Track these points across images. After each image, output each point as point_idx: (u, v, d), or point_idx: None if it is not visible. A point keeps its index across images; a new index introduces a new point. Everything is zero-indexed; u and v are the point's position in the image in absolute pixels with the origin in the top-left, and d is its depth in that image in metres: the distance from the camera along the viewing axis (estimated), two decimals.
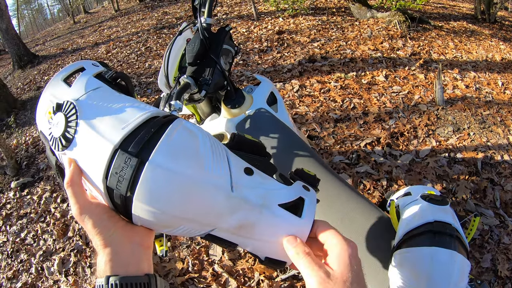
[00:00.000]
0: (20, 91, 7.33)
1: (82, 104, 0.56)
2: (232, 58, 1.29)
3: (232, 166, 0.55)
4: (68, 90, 0.61)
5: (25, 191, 3.77)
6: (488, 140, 3.07)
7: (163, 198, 0.49)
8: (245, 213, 0.53)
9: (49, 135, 0.58)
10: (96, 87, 0.61)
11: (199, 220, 0.52)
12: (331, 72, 4.50)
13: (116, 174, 0.49)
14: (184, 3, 11.87)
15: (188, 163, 0.50)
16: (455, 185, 2.57)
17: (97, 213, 0.54)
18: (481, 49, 5.52)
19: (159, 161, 0.49)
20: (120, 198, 0.51)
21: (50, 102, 0.61)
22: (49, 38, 14.25)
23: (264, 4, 8.70)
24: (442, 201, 0.90)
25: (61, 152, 0.56)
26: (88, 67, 0.67)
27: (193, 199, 0.51)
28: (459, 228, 0.85)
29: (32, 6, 52.23)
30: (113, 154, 0.50)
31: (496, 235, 2.24)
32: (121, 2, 17.04)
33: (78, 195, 0.55)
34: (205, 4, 1.21)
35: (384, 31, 5.88)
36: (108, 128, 0.52)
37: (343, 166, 2.81)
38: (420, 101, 3.68)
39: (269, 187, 0.56)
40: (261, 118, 1.29)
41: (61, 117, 0.56)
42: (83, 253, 2.70)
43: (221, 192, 0.52)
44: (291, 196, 0.57)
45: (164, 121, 0.54)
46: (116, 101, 0.58)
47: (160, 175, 0.48)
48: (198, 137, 0.55)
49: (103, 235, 0.53)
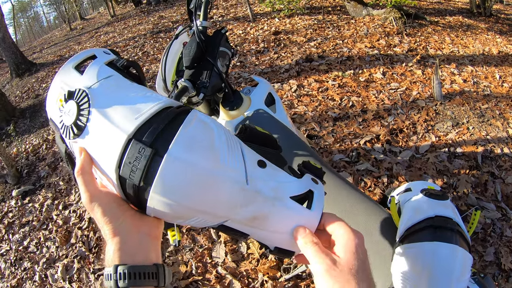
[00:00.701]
0: (18, 99, 7.33)
1: (95, 93, 0.56)
2: (229, 60, 1.30)
3: (246, 158, 0.55)
4: (80, 77, 0.61)
5: (26, 199, 3.77)
6: (487, 134, 3.07)
7: (181, 190, 0.50)
8: (258, 205, 0.54)
9: (60, 123, 0.58)
10: (108, 75, 0.61)
11: (213, 212, 0.53)
12: (329, 71, 4.51)
13: (129, 164, 0.50)
14: (180, 6, 11.90)
15: (205, 155, 0.51)
16: (456, 180, 2.57)
17: (107, 201, 0.54)
18: (477, 43, 5.52)
19: (177, 153, 0.49)
20: (132, 188, 0.51)
21: (61, 90, 0.61)
22: (46, 46, 14.26)
23: (259, 5, 8.71)
24: (442, 196, 0.90)
25: (72, 140, 0.56)
26: (100, 54, 0.66)
27: (210, 191, 0.51)
28: (460, 222, 0.85)
29: (28, 14, 52.28)
30: (127, 143, 0.50)
31: (498, 228, 2.25)
32: (117, 8, 17.07)
33: (89, 183, 0.55)
34: (200, 7, 1.21)
35: (380, 28, 5.89)
36: (121, 118, 0.52)
37: (343, 164, 2.81)
38: (418, 97, 3.68)
39: (281, 180, 0.58)
40: (260, 119, 1.29)
41: (73, 105, 0.56)
42: (86, 259, 2.69)
43: (237, 184, 0.52)
44: (302, 189, 0.59)
45: (177, 112, 0.55)
46: (129, 90, 0.58)
47: (179, 168, 0.49)
48: (213, 129, 0.55)
49: (112, 223, 0.53)
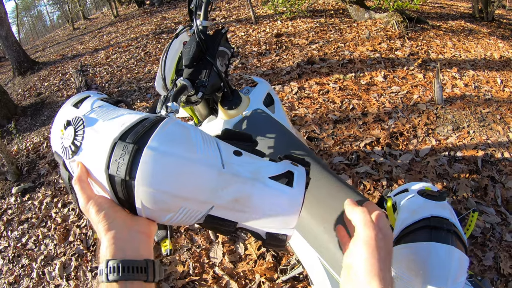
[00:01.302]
0: (20, 97, 7.37)
1: (88, 117, 0.65)
2: (228, 59, 1.30)
3: (221, 149, 0.62)
4: (76, 110, 0.70)
5: (26, 196, 3.79)
6: (488, 138, 3.06)
7: (162, 177, 0.55)
8: (238, 187, 0.59)
9: (61, 148, 0.66)
10: (100, 105, 0.71)
11: (196, 197, 0.58)
12: (330, 73, 4.51)
13: (116, 162, 0.56)
14: (183, 8, 11.96)
15: (181, 147, 0.57)
16: (456, 184, 2.57)
17: (100, 202, 0.59)
18: (479, 48, 5.53)
19: (156, 145, 0.56)
20: (121, 185, 0.56)
21: (61, 123, 0.69)
22: (49, 45, 14.33)
23: (262, 8, 8.73)
24: (439, 197, 0.90)
25: (71, 159, 0.63)
26: (94, 95, 0.76)
27: (189, 176, 0.57)
28: (456, 223, 0.85)
29: (32, 13, 52.57)
30: (113, 146, 0.57)
31: (498, 232, 2.24)
32: (120, 8, 17.17)
33: (85, 189, 0.61)
34: (201, 7, 1.22)
35: (382, 31, 5.90)
36: (108, 128, 0.60)
37: (343, 167, 2.81)
38: (419, 101, 3.68)
39: (259, 164, 0.64)
40: (258, 119, 1.30)
41: (71, 129, 0.65)
42: (84, 258, 2.71)
43: (213, 169, 0.58)
44: (280, 169, 0.64)
45: (157, 119, 0.62)
46: (117, 111, 0.67)
47: (157, 158, 0.55)
48: (189, 129, 0.63)
49: (106, 220, 0.57)
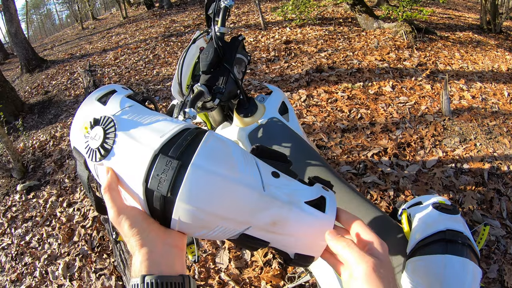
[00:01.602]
0: (28, 94, 7.39)
1: (119, 119, 0.62)
2: (245, 67, 1.30)
3: (261, 169, 0.60)
4: (103, 108, 0.66)
5: (31, 194, 3.80)
6: (494, 151, 3.06)
7: (205, 196, 0.53)
8: (276, 210, 0.58)
9: (85, 148, 0.63)
10: (130, 105, 0.67)
11: (235, 217, 0.56)
12: (338, 82, 4.53)
13: (157, 176, 0.53)
14: (192, 11, 11.97)
15: (224, 165, 0.55)
16: (462, 196, 2.57)
17: (133, 215, 0.57)
18: (487, 60, 5.53)
19: (200, 163, 0.53)
20: (159, 200, 0.54)
21: (85, 119, 0.66)
22: (58, 43, 14.39)
23: (271, 14, 8.76)
24: (453, 210, 0.91)
25: (98, 162, 0.60)
26: (119, 89, 0.72)
27: (230, 197, 0.55)
28: (470, 237, 0.86)
29: (41, 11, 52.72)
30: (154, 158, 0.54)
31: (502, 245, 2.24)
32: (129, 9, 17.21)
33: (115, 199, 0.58)
34: (219, 14, 1.23)
35: (391, 41, 5.91)
36: (146, 137, 0.57)
37: (350, 176, 2.81)
38: (426, 112, 3.69)
39: (295, 187, 0.62)
40: (273, 127, 1.30)
41: (100, 130, 0.61)
42: (88, 258, 2.70)
43: (255, 191, 0.56)
44: (314, 194, 0.63)
45: (197, 132, 0.60)
46: (150, 115, 0.64)
47: (202, 176, 0.53)
48: (229, 144, 0.60)
49: (140, 235, 0.55)
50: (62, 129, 5.10)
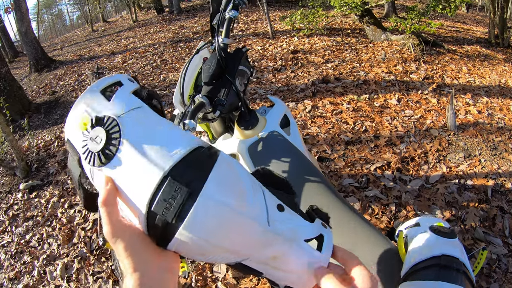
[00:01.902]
0: (35, 94, 7.44)
1: (125, 122, 0.56)
2: (247, 79, 1.30)
3: (267, 201, 0.57)
4: (107, 104, 0.60)
5: (33, 193, 3.81)
6: (499, 167, 3.04)
7: (211, 228, 0.51)
8: (278, 247, 0.57)
9: (83, 148, 0.57)
10: (137, 106, 0.61)
11: (238, 250, 0.55)
12: (344, 93, 4.53)
13: (164, 201, 0.49)
14: (201, 18, 12.04)
15: (234, 196, 0.52)
16: (464, 213, 2.56)
17: (130, 235, 0.53)
18: (494, 74, 5.52)
19: (211, 193, 0.50)
20: (162, 224, 0.51)
21: (85, 113, 0.59)
22: (67, 44, 14.53)
23: (280, 23, 8.79)
24: (450, 234, 0.90)
25: (97, 167, 0.55)
26: (125, 82, 0.66)
27: (237, 231, 0.53)
28: (466, 263, 0.85)
29: (52, 11, 53.30)
30: (162, 180, 0.50)
31: (504, 264, 2.21)
32: (139, 13, 17.36)
33: (112, 215, 0.53)
34: (223, 24, 1.23)
35: (398, 54, 5.91)
36: (155, 153, 0.53)
37: (352, 189, 2.80)
38: (432, 126, 3.68)
39: (298, 223, 0.60)
40: (274, 141, 1.29)
41: (102, 133, 0.55)
42: (87, 261, 2.70)
43: (260, 226, 0.54)
44: (314, 232, 0.62)
45: (210, 152, 0.56)
46: (158, 123, 0.59)
47: (211, 207, 0.50)
48: (239, 172, 0.57)
49: (134, 257, 0.52)
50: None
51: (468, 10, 17.80)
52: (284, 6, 13.09)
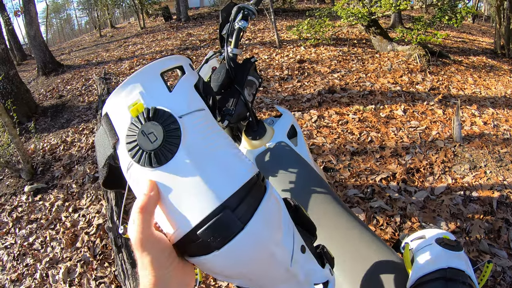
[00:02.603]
0: (42, 97, 7.49)
1: (187, 127, 0.50)
2: (255, 89, 1.30)
3: (295, 241, 0.56)
4: (167, 95, 0.53)
5: (37, 196, 3.83)
6: (504, 179, 3.03)
7: (244, 259, 0.49)
8: (291, 286, 0.57)
9: (129, 137, 0.50)
10: (200, 108, 0.54)
11: (259, 282, 0.54)
12: (350, 104, 4.55)
13: (214, 230, 0.47)
14: (209, 26, 12.11)
15: (273, 234, 0.51)
16: (470, 224, 2.54)
17: (159, 249, 0.50)
18: (500, 85, 5.51)
19: (254, 228, 0.48)
20: (198, 247, 0.49)
21: (141, 97, 0.52)
22: (75, 49, 14.66)
23: (286, 32, 8.83)
24: (456, 247, 0.91)
25: (141, 166, 0.49)
26: (187, 69, 0.59)
27: (264, 266, 0.52)
28: (472, 276, 0.85)
29: (61, 15, 53.88)
30: (217, 209, 0.47)
31: (509, 276, 2.19)
32: (147, 20, 17.51)
33: (146, 224, 0.49)
34: (232, 35, 1.23)
35: (404, 64, 5.92)
36: (213, 175, 0.49)
37: (357, 200, 2.80)
38: (437, 137, 3.67)
39: (312, 267, 0.61)
40: (281, 152, 1.30)
41: (159, 131, 0.49)
42: (89, 265, 2.70)
43: (284, 265, 0.54)
44: (323, 278, 0.63)
45: (260, 184, 0.54)
46: (217, 136, 0.53)
47: (251, 241, 0.48)
48: (282, 208, 0.55)
49: (158, 272, 0.50)
50: (74, 135, 5.15)
51: (474, 21, 17.80)
52: (291, 16, 13.17)
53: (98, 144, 0.57)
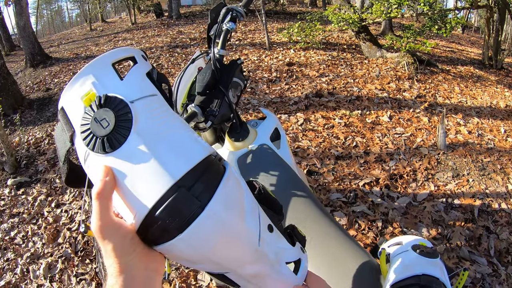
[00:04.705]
0: (29, 89, 7.40)
1: (138, 111, 0.50)
2: (240, 91, 1.31)
3: (261, 221, 0.56)
4: (119, 83, 0.53)
5: (20, 190, 3.78)
6: (486, 188, 3.08)
7: (207, 242, 0.49)
8: (262, 266, 0.57)
9: (82, 126, 0.51)
10: (152, 93, 0.55)
11: (225, 264, 0.54)
12: (337, 108, 4.58)
13: (171, 210, 0.47)
14: (200, 24, 12.08)
15: (235, 215, 0.51)
16: (451, 231, 2.57)
17: (120, 235, 0.49)
18: (486, 95, 5.59)
19: (215, 209, 0.48)
20: (159, 230, 0.48)
21: (93, 87, 0.52)
22: (64, 41, 14.49)
23: (277, 34, 8.86)
24: (432, 254, 0.91)
25: (95, 153, 0.49)
26: (139, 60, 0.59)
27: (230, 247, 0.52)
28: (446, 283, 0.86)
29: (52, 7, 53.32)
30: (172, 188, 0.47)
31: (488, 283, 2.22)
32: (138, 16, 17.41)
33: (105, 210, 0.49)
34: (220, 36, 1.23)
35: (392, 71, 5.97)
36: (166, 155, 0.49)
37: (340, 204, 2.82)
38: (422, 144, 3.72)
39: (282, 246, 0.61)
40: (263, 154, 1.30)
41: (111, 117, 0.49)
42: (71, 261, 2.67)
43: (252, 244, 0.54)
44: (294, 256, 0.63)
45: (218, 164, 0.54)
46: (172, 120, 0.54)
47: (212, 222, 0.48)
48: (244, 189, 0.55)
49: (121, 259, 0.49)
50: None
51: (463, 31, 18.04)
52: (282, 18, 13.20)
53: (57, 140, 0.57)
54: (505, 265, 2.38)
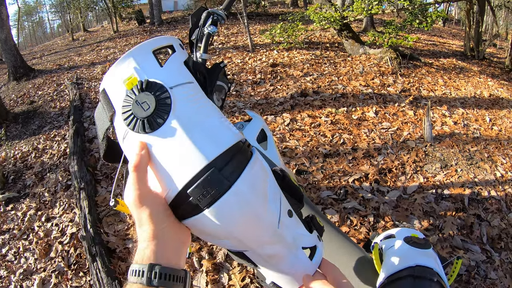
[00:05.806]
0: (13, 103, 7.30)
1: (177, 96, 0.55)
2: (224, 94, 1.29)
3: (281, 206, 0.60)
4: (159, 69, 0.58)
5: (9, 206, 3.71)
6: (475, 176, 3.12)
7: (232, 219, 0.53)
8: (279, 248, 0.60)
9: (124, 107, 0.55)
10: (189, 81, 0.60)
11: (246, 242, 0.57)
12: (322, 106, 4.60)
13: (202, 188, 0.51)
14: (182, 30, 12.08)
15: (259, 197, 0.55)
16: (442, 222, 2.59)
17: (156, 204, 0.54)
18: (469, 86, 5.66)
19: (241, 189, 0.52)
20: (190, 207, 0.53)
21: (135, 71, 0.57)
22: (47, 53, 14.32)
23: (259, 36, 8.87)
24: (424, 245, 0.92)
25: (135, 132, 0.54)
26: (177, 48, 0.64)
27: (252, 226, 0.56)
28: (440, 272, 0.87)
29: (33, 18, 52.67)
30: (205, 168, 0.51)
31: (482, 270, 2.24)
32: (120, 24, 17.33)
33: (141, 181, 0.54)
34: (201, 40, 1.23)
35: (376, 67, 6.01)
36: (201, 138, 0.53)
37: (330, 201, 2.82)
38: (408, 138, 3.75)
39: (300, 231, 0.65)
40: None
41: (152, 101, 0.54)
42: (64, 276, 2.63)
43: (272, 226, 0.58)
44: (311, 243, 0.66)
45: (247, 150, 0.59)
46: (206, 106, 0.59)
47: (238, 201, 0.52)
48: (268, 174, 0.60)
49: (156, 226, 0.54)
50: (45, 141, 5.02)
51: (444, 24, 18.25)
52: (264, 20, 13.24)
53: (97, 119, 0.62)
54: (498, 251, 2.41)
